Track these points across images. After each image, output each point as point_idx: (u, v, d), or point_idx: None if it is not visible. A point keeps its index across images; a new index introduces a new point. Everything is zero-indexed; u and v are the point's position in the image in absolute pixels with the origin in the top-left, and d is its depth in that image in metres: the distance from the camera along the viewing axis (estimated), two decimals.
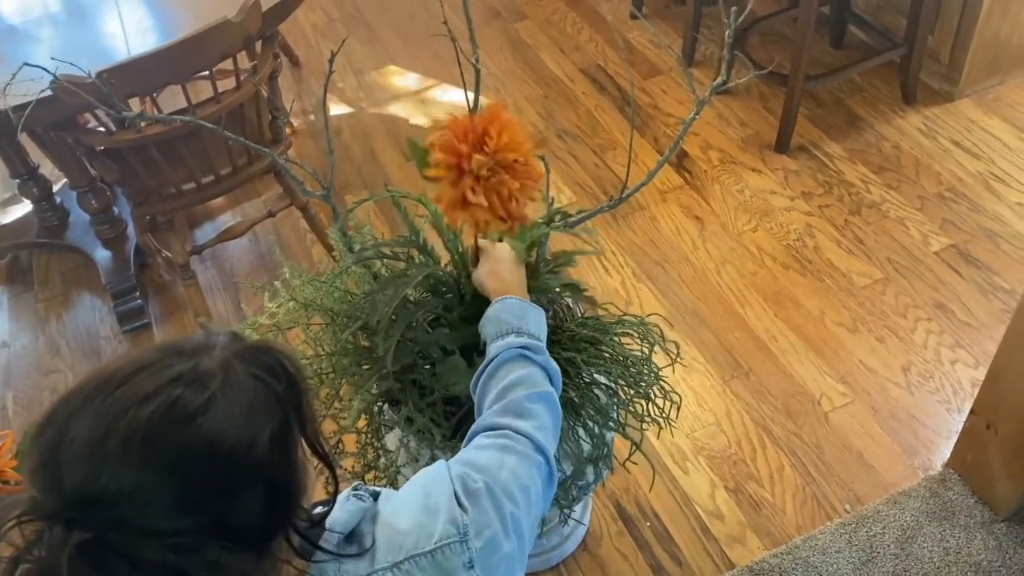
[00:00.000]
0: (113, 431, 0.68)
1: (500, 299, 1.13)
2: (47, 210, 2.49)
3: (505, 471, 0.92)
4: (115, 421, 0.68)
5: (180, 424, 0.69)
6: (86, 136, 1.97)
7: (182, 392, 0.70)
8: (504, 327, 1.09)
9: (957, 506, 1.76)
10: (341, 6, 3.44)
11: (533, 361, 1.06)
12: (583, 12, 3.24)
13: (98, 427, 0.68)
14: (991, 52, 2.55)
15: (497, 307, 1.12)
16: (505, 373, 1.04)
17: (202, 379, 0.72)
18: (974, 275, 2.18)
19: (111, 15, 2.12)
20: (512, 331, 1.08)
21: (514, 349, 1.06)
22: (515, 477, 0.92)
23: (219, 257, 2.52)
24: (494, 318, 1.11)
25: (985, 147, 2.50)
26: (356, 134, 2.86)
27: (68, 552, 0.65)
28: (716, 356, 2.09)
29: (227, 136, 1.15)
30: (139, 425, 0.68)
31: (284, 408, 0.76)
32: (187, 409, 0.70)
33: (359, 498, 0.89)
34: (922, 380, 1.99)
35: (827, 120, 2.66)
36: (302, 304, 1.30)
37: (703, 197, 2.48)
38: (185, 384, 0.71)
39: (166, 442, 0.69)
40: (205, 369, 0.73)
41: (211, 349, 0.75)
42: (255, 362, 0.76)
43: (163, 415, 0.69)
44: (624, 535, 1.80)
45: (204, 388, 0.71)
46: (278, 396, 0.76)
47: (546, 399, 1.03)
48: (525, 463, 0.94)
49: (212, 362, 0.74)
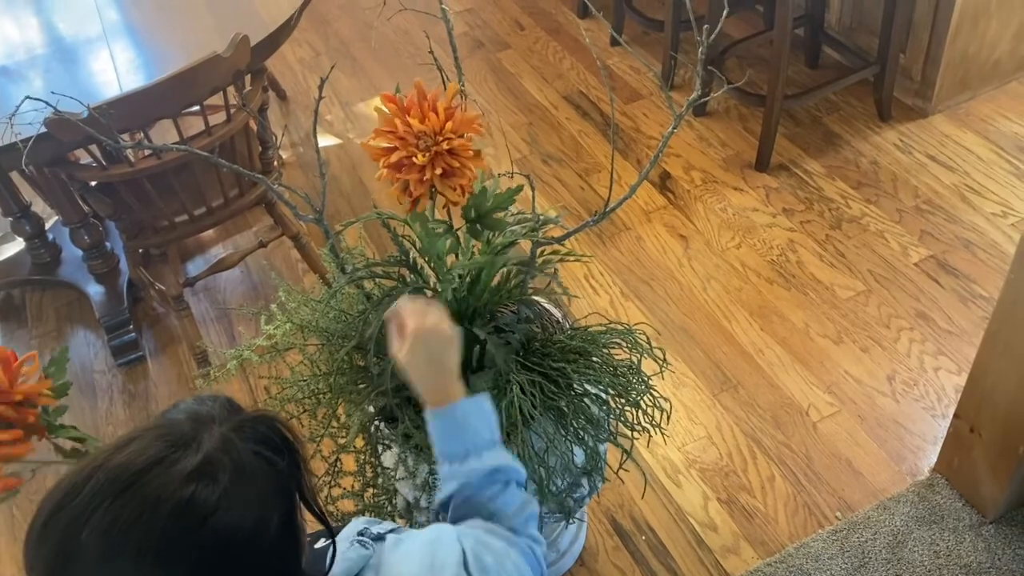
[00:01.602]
0: (128, 538, 0.67)
1: (448, 408, 1.03)
2: (40, 247, 2.52)
3: (510, 562, 0.94)
4: (130, 529, 0.67)
5: (195, 527, 0.68)
6: (79, 171, 2.01)
7: (194, 491, 0.69)
8: (468, 445, 1.02)
9: (946, 510, 1.79)
10: (327, 40, 3.50)
11: (513, 482, 1.03)
12: (564, 41, 3.31)
13: (111, 534, 0.67)
14: (961, 68, 2.63)
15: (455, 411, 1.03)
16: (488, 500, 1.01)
17: (211, 473, 0.70)
18: (953, 284, 2.23)
19: (102, 53, 2.16)
20: (471, 452, 1.01)
21: (494, 471, 1.01)
22: (518, 570, 0.94)
23: (212, 289, 2.55)
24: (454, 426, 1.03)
25: (960, 160, 2.56)
26: (344, 165, 2.91)
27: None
28: (705, 371, 2.12)
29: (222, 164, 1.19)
30: (154, 532, 0.67)
31: (289, 488, 0.77)
32: (201, 510, 0.69)
33: (362, 545, 0.90)
34: (907, 388, 2.03)
35: (805, 138, 2.72)
36: (298, 325, 1.34)
37: (687, 216, 2.53)
38: (195, 481, 0.69)
39: (182, 547, 0.68)
40: (212, 458, 0.71)
41: (209, 425, 0.74)
42: (255, 437, 0.75)
43: (178, 519, 0.68)
44: (620, 549, 1.82)
45: (214, 483, 0.70)
46: (282, 475, 0.76)
47: (533, 517, 1.03)
48: (527, 563, 0.97)
49: (214, 442, 0.72)
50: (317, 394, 1.33)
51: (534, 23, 3.43)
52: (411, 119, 1.11)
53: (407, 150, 1.11)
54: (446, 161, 1.12)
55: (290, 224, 2.34)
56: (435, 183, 1.13)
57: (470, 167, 1.15)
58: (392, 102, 1.14)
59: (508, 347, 1.37)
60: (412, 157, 1.11)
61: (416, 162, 1.11)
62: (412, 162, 1.11)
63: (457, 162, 1.13)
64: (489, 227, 1.26)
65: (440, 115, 1.11)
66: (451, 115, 1.13)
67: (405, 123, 1.11)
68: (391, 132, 1.13)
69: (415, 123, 1.11)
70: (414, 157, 1.11)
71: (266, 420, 0.78)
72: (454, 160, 1.12)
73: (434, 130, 1.11)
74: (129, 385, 2.33)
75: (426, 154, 1.10)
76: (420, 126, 1.11)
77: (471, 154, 1.15)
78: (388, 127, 1.13)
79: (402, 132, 1.11)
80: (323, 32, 3.54)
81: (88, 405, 2.29)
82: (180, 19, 2.30)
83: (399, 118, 1.12)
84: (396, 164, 1.13)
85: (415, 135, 1.11)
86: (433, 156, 1.11)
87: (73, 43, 2.24)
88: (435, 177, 1.12)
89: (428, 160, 1.10)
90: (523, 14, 3.49)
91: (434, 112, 1.12)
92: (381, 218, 1.34)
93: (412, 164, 1.11)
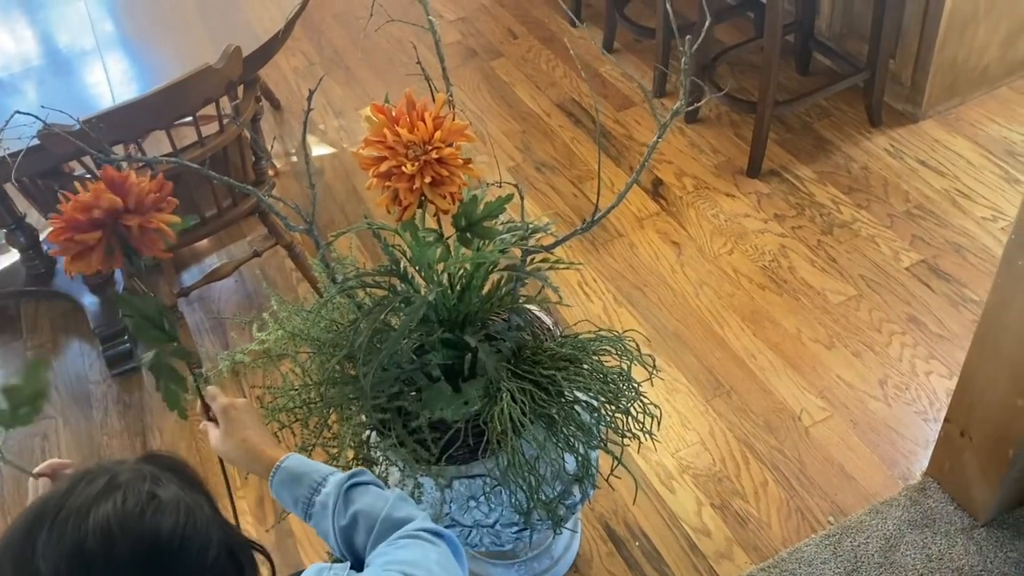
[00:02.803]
0: (85, 540, 0.69)
1: (281, 462, 1.10)
2: (34, 258, 2.52)
3: (436, 566, 0.94)
4: (75, 532, 0.69)
5: (140, 515, 0.72)
6: (72, 183, 2.01)
7: (123, 491, 0.73)
8: (314, 478, 1.07)
9: (937, 513, 1.80)
10: (320, 50, 3.52)
11: (362, 483, 1.07)
12: (557, 49, 3.32)
13: (63, 546, 0.69)
14: (950, 74, 2.64)
15: (288, 467, 1.09)
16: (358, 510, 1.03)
17: (130, 482, 0.75)
18: (944, 288, 2.24)
19: (95, 66, 2.17)
20: (325, 475, 1.07)
21: (344, 486, 1.05)
22: (442, 568, 0.95)
23: (206, 298, 2.55)
24: (294, 477, 1.08)
25: (950, 165, 2.58)
26: (338, 174, 2.92)
27: None
28: (698, 376, 2.13)
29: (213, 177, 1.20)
30: (106, 521, 0.70)
31: (205, 490, 0.82)
32: (139, 500, 0.72)
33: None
34: (898, 392, 2.04)
35: (796, 144, 2.74)
36: (290, 334, 1.34)
37: (679, 222, 2.54)
38: (119, 487, 0.73)
39: (138, 531, 0.71)
40: (128, 476, 0.75)
41: (119, 464, 0.79)
42: (158, 463, 0.81)
43: (121, 507, 0.71)
44: (614, 555, 1.83)
45: (141, 482, 0.74)
46: (194, 481, 0.81)
47: (398, 497, 1.04)
48: (441, 554, 0.97)
49: (127, 469, 0.77)
50: (308, 403, 1.33)
51: (527, 32, 3.44)
52: (400, 129, 1.12)
53: (396, 159, 1.12)
54: (435, 170, 1.13)
55: (283, 234, 2.35)
56: (425, 192, 1.14)
57: (459, 175, 1.16)
58: (381, 112, 1.15)
59: (499, 355, 1.38)
60: (401, 166, 1.12)
61: (405, 171, 1.12)
62: (401, 171, 1.12)
63: (446, 171, 1.14)
64: (479, 235, 1.27)
65: (429, 124, 1.12)
66: (440, 124, 1.14)
67: (394, 132, 1.12)
68: (380, 142, 1.14)
69: (404, 133, 1.12)
70: (403, 166, 1.12)
71: (164, 456, 0.84)
72: (443, 169, 1.13)
73: (423, 139, 1.12)
74: (124, 395, 2.33)
75: (415, 163, 1.11)
76: (409, 136, 1.12)
77: (460, 163, 1.16)
78: (378, 137, 1.14)
79: (391, 142, 1.13)
80: (317, 41, 3.55)
81: (83, 416, 2.29)
82: (173, 30, 2.32)
83: (388, 128, 1.14)
84: (386, 173, 1.14)
85: (404, 144, 1.12)
86: (422, 165, 1.12)
87: (67, 55, 2.25)
88: (424, 186, 1.13)
89: (417, 169, 1.11)
90: (516, 23, 3.51)
91: (423, 121, 1.13)
92: (371, 228, 1.34)
93: (401, 173, 1.12)
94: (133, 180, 1.06)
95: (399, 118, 1.14)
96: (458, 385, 1.43)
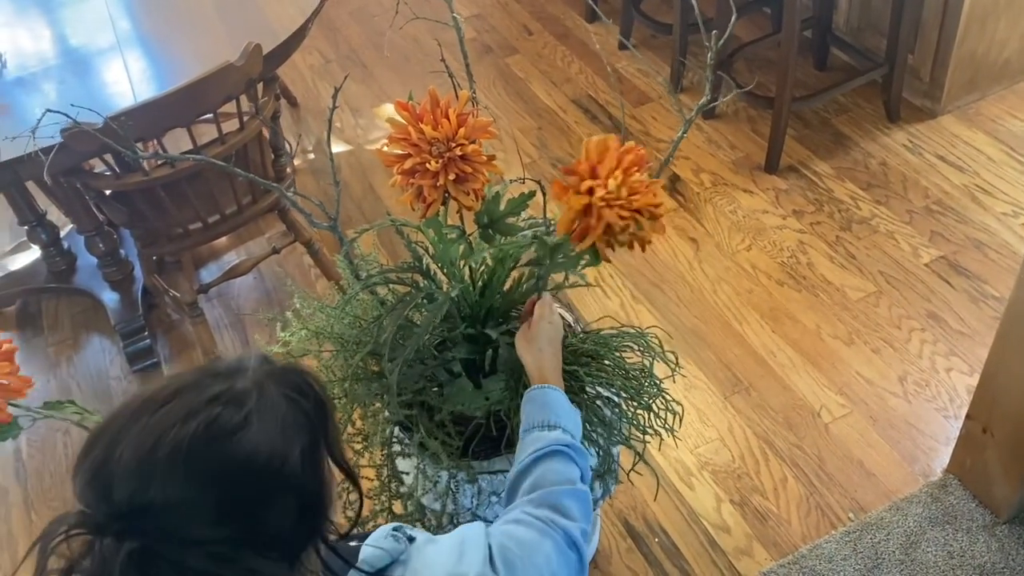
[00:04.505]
0: (159, 447, 0.73)
1: (546, 388, 1.17)
2: (55, 255, 2.54)
3: (541, 555, 0.94)
4: (161, 438, 0.73)
5: (220, 440, 0.74)
6: (95, 180, 2.03)
7: (221, 411, 0.75)
8: (550, 419, 1.13)
9: (959, 510, 1.80)
10: (337, 47, 3.52)
11: (575, 462, 1.09)
12: (572, 45, 3.32)
13: (145, 443, 0.73)
14: (970, 69, 2.62)
15: (547, 394, 1.16)
16: (548, 466, 1.07)
17: (239, 399, 0.76)
18: (964, 285, 2.23)
19: (115, 63, 2.19)
20: (558, 427, 1.12)
21: (560, 446, 1.09)
22: (548, 562, 0.94)
23: (225, 295, 2.57)
24: (541, 405, 1.15)
25: (969, 160, 2.56)
26: (355, 171, 2.93)
27: (120, 560, 0.69)
28: (716, 373, 2.13)
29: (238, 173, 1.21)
30: (183, 441, 0.73)
31: (313, 425, 0.81)
32: (226, 426, 0.75)
33: (395, 539, 0.92)
34: (918, 389, 2.03)
35: (814, 140, 2.72)
36: (313, 332, 1.35)
37: (697, 219, 2.54)
38: (223, 403, 0.76)
39: (207, 457, 0.73)
40: (241, 389, 0.77)
41: (244, 371, 0.80)
42: (285, 382, 0.81)
43: (204, 432, 0.74)
44: (634, 551, 1.83)
45: (241, 407, 0.76)
46: (307, 414, 0.80)
47: (583, 498, 1.05)
48: (560, 555, 0.96)
49: (246, 382, 0.78)
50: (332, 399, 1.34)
51: (542, 28, 3.44)
52: (424, 126, 1.13)
53: (420, 157, 1.13)
54: (459, 167, 1.13)
55: (302, 230, 2.36)
56: (448, 189, 1.14)
57: (483, 172, 1.16)
58: (405, 109, 1.16)
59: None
60: (426, 163, 1.12)
61: (430, 168, 1.12)
62: (426, 168, 1.13)
63: (470, 167, 1.14)
64: (502, 232, 1.27)
65: (452, 121, 1.13)
66: (463, 121, 1.14)
67: (418, 130, 1.13)
68: (405, 139, 1.14)
69: (428, 130, 1.12)
70: (427, 163, 1.12)
71: (298, 372, 0.84)
72: (467, 165, 1.14)
73: (447, 136, 1.13)
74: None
75: (439, 160, 1.12)
76: (433, 133, 1.12)
77: (484, 159, 1.16)
78: (402, 134, 1.15)
79: (415, 139, 1.13)
80: (333, 39, 3.56)
81: (104, 411, 2.30)
82: (192, 29, 2.33)
83: (412, 125, 1.14)
84: (410, 170, 1.14)
85: (428, 142, 1.13)
86: (446, 162, 1.12)
87: (86, 53, 2.26)
88: (448, 183, 1.13)
89: (441, 166, 1.12)
90: (531, 19, 3.50)
91: (447, 118, 1.13)
92: (395, 225, 1.35)
93: (426, 170, 1.13)
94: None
95: (423, 115, 1.15)
96: (479, 381, 1.43)
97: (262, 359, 0.83)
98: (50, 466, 2.18)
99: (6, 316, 2.62)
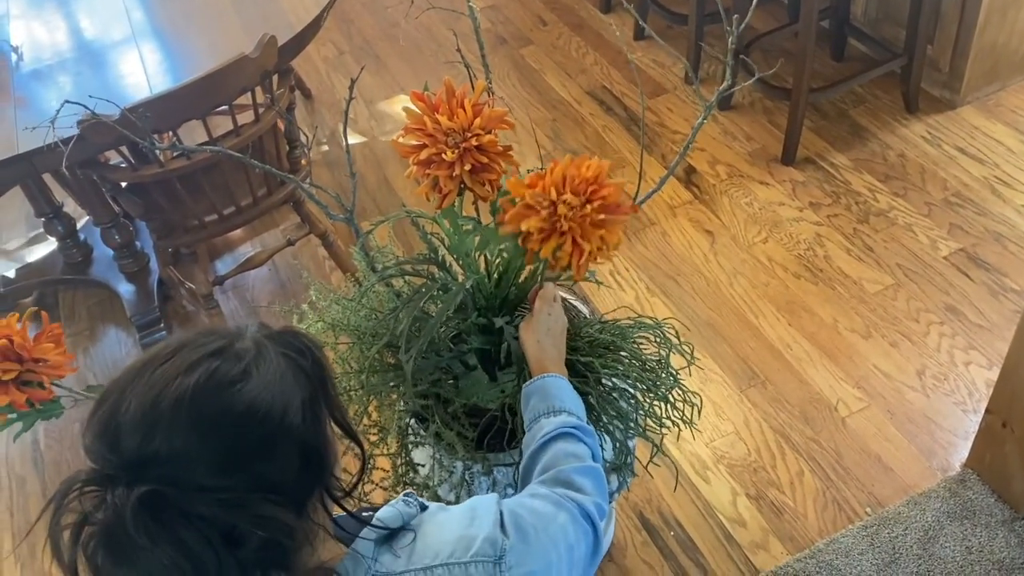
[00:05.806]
0: (163, 398, 0.75)
1: (548, 376, 1.18)
2: (71, 247, 2.55)
3: (556, 525, 0.95)
4: (164, 389, 0.75)
5: (221, 390, 0.77)
6: (110, 172, 2.03)
7: (220, 364, 0.78)
8: (554, 404, 1.14)
9: (977, 505, 1.78)
10: (350, 39, 3.52)
11: (583, 441, 1.10)
12: (587, 36, 3.30)
13: (149, 395, 0.75)
14: (990, 59, 2.59)
15: (547, 382, 1.18)
16: (557, 447, 1.09)
17: (238, 353, 0.79)
18: (984, 278, 2.21)
19: (131, 55, 2.19)
20: (564, 411, 1.14)
21: (567, 428, 1.10)
22: (564, 533, 0.95)
23: (240, 287, 2.57)
24: (543, 394, 1.16)
25: (989, 152, 2.53)
26: (369, 163, 2.93)
27: (132, 505, 0.71)
28: (732, 366, 2.12)
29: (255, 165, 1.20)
30: (186, 391, 0.75)
31: (312, 383, 0.83)
32: (227, 377, 0.77)
33: (407, 504, 0.93)
34: (937, 382, 2.01)
35: (831, 131, 2.70)
36: (329, 324, 1.35)
37: (713, 211, 2.52)
38: (223, 358, 0.78)
39: (210, 405, 0.76)
40: (240, 346, 0.80)
41: (243, 332, 0.83)
42: (283, 343, 0.83)
43: (206, 382, 0.76)
44: (649, 545, 1.82)
45: (240, 360, 0.78)
46: (306, 372, 0.83)
47: (595, 474, 1.06)
48: (575, 525, 0.97)
49: (245, 341, 0.81)
50: (348, 391, 1.34)
51: (557, 19, 3.43)
52: (440, 116, 1.12)
53: (436, 147, 1.12)
54: (475, 157, 1.12)
55: (317, 222, 2.36)
56: (464, 179, 1.14)
57: (499, 162, 1.16)
58: (421, 100, 1.15)
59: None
60: (442, 154, 1.12)
61: (446, 159, 1.12)
62: (442, 159, 1.12)
63: (486, 158, 1.14)
64: None
65: (468, 112, 1.12)
66: (479, 111, 1.14)
67: (434, 120, 1.12)
68: (421, 130, 1.14)
69: (444, 120, 1.12)
70: (443, 154, 1.12)
71: (296, 335, 0.87)
72: (483, 156, 1.13)
73: (463, 127, 1.12)
74: None
75: (455, 151, 1.11)
76: (449, 123, 1.12)
77: (499, 150, 1.15)
78: (418, 125, 1.14)
79: (431, 129, 1.12)
80: (346, 31, 3.56)
81: None
82: (207, 20, 2.33)
83: (428, 116, 1.13)
84: (426, 161, 1.14)
85: (444, 132, 1.12)
86: (462, 153, 1.12)
87: (102, 45, 2.27)
88: (464, 173, 1.12)
89: (457, 157, 1.11)
90: (545, 9, 3.49)
91: (462, 109, 1.13)
92: (411, 216, 1.35)
93: (442, 161, 1.12)
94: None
95: (439, 106, 1.14)
96: (495, 374, 1.43)
97: (260, 324, 0.85)
98: (67, 456, 2.20)
99: (23, 307, 2.64)
